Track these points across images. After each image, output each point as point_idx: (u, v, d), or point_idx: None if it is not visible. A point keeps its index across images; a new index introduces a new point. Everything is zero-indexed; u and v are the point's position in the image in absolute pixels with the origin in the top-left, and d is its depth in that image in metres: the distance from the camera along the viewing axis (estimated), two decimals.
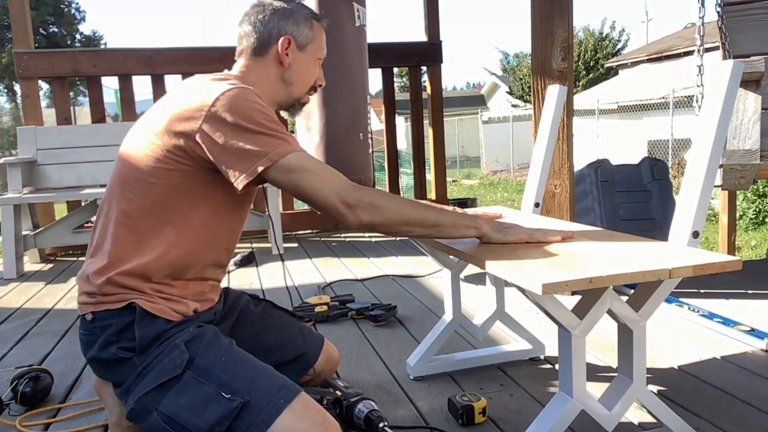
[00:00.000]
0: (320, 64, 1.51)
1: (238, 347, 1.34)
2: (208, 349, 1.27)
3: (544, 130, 1.87)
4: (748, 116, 2.12)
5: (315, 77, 1.49)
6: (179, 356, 1.24)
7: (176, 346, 1.26)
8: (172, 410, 1.20)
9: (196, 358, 1.25)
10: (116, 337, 1.29)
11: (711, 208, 6.67)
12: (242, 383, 1.21)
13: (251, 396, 1.19)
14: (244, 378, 1.23)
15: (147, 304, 1.29)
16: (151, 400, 1.23)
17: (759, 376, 1.73)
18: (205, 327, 1.34)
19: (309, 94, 1.51)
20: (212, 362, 1.25)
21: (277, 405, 1.19)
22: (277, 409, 1.18)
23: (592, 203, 3.41)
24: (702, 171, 1.27)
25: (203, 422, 1.18)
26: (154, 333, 1.28)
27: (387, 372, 1.86)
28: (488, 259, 1.21)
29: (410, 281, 2.96)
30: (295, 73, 1.44)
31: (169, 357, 1.25)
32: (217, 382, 1.21)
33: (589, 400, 1.28)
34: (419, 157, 4.60)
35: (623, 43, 21.67)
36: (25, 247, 3.60)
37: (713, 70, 1.33)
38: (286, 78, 1.44)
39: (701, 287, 2.61)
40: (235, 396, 1.19)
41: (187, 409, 1.20)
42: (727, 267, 1.14)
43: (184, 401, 1.21)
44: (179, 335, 1.29)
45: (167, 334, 1.29)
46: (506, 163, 17.37)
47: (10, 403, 1.67)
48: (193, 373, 1.23)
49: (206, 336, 1.30)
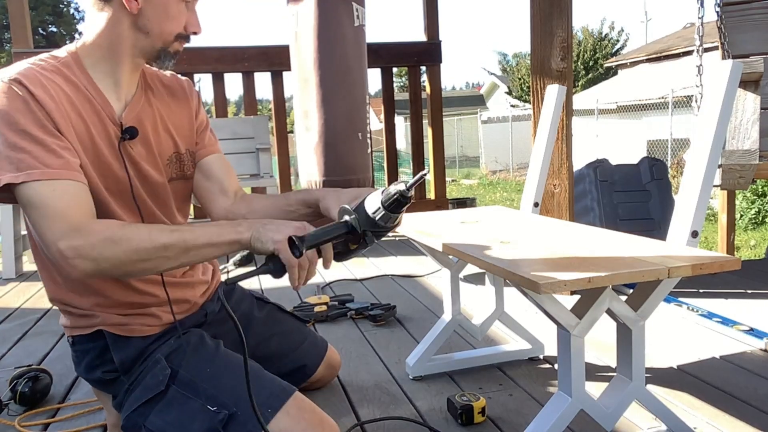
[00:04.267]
0: (191, 6, 1.26)
1: (226, 349, 1.30)
2: (191, 359, 1.25)
3: (544, 130, 1.87)
4: (747, 116, 2.12)
5: (180, 22, 1.24)
6: (161, 372, 1.23)
7: (157, 361, 1.25)
8: (159, 426, 1.19)
9: (179, 371, 1.23)
10: (98, 361, 1.30)
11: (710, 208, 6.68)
12: (228, 395, 1.19)
13: (237, 407, 1.17)
14: (230, 388, 1.20)
15: (114, 327, 1.27)
16: (139, 416, 1.22)
17: (758, 376, 1.73)
18: (189, 333, 1.30)
19: (180, 42, 1.27)
20: (196, 374, 1.22)
21: (264, 415, 1.16)
22: (265, 419, 1.16)
23: (591, 203, 3.41)
24: (701, 171, 1.27)
25: None
26: (133, 354, 1.27)
27: (386, 372, 1.86)
28: (488, 259, 1.21)
29: (409, 281, 2.96)
30: (150, 19, 1.21)
31: (151, 373, 1.24)
32: (203, 395, 1.19)
33: (588, 399, 1.28)
34: (418, 156, 4.60)
35: (622, 43, 21.69)
36: (24, 246, 3.59)
37: (712, 70, 1.33)
38: (141, 26, 1.21)
39: (700, 287, 2.61)
40: (221, 408, 1.17)
41: (173, 424, 1.19)
42: (726, 266, 1.14)
43: (171, 417, 1.19)
44: (159, 350, 1.27)
45: (148, 350, 1.28)
46: (505, 163, 17.37)
47: (9, 403, 1.67)
48: (178, 388, 1.21)
49: (189, 345, 1.28)
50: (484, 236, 1.46)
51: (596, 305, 1.23)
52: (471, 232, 1.53)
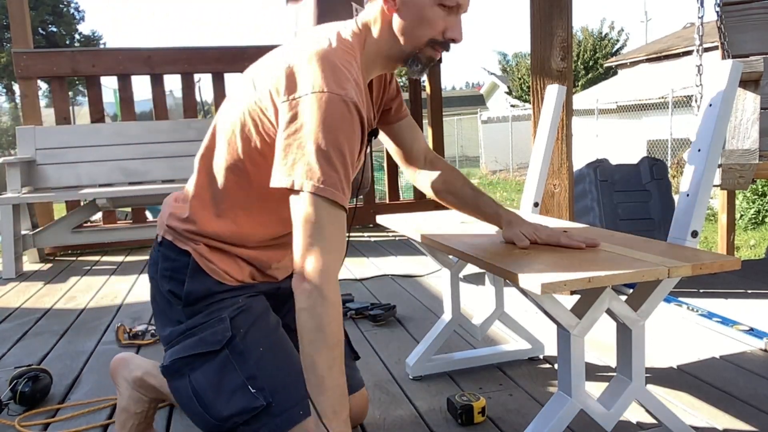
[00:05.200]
0: (453, 11, 1.21)
1: (283, 331, 1.31)
2: (251, 330, 1.26)
3: (544, 130, 1.87)
4: (747, 116, 2.12)
5: (435, 27, 1.20)
6: (222, 332, 1.24)
7: (222, 320, 1.26)
8: (201, 385, 1.22)
9: (236, 337, 1.24)
10: (170, 274, 1.30)
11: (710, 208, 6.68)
12: (270, 381, 1.21)
13: (274, 398, 1.19)
14: (274, 376, 1.22)
15: (202, 259, 1.29)
16: (185, 366, 1.25)
17: (758, 376, 1.73)
18: (256, 298, 1.32)
19: (434, 49, 1.23)
20: (250, 348, 1.24)
21: (294, 415, 1.18)
22: (293, 420, 1.17)
23: (591, 203, 3.41)
24: (701, 170, 1.27)
25: (224, 410, 1.20)
26: (202, 291, 1.28)
27: (386, 372, 1.86)
28: (488, 259, 1.21)
29: (409, 281, 2.96)
30: (403, 22, 1.20)
31: (212, 330, 1.25)
32: (247, 372, 1.21)
33: (588, 399, 1.28)
34: None
35: (622, 42, 21.68)
36: (24, 246, 3.59)
37: (712, 70, 1.33)
38: (396, 28, 1.22)
39: (700, 287, 2.61)
40: (260, 394, 1.19)
41: (212, 389, 1.22)
42: (726, 266, 1.14)
43: (213, 380, 1.22)
44: (227, 304, 1.28)
45: (215, 297, 1.29)
46: (505, 163, 17.37)
47: (9, 403, 1.67)
48: (230, 354, 1.23)
49: (253, 312, 1.29)
50: (484, 236, 1.46)
51: (596, 305, 1.23)
52: (471, 232, 1.53)
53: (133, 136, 3.88)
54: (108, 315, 2.59)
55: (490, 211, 1.45)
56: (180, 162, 3.86)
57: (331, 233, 1.09)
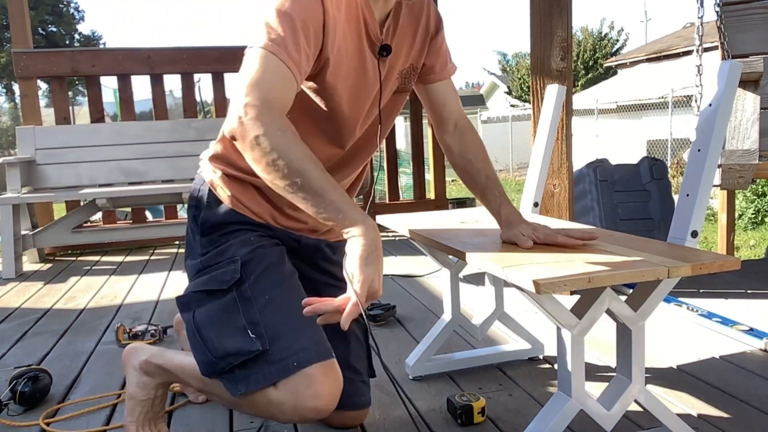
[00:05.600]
0: None
1: (296, 282, 1.33)
2: (261, 277, 1.28)
3: (543, 130, 1.87)
4: (746, 116, 2.12)
5: None
6: (231, 273, 1.27)
7: (234, 261, 1.29)
8: (203, 321, 1.27)
9: (246, 282, 1.27)
10: (195, 203, 1.38)
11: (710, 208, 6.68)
12: (270, 329, 1.22)
13: (271, 346, 1.20)
14: (275, 326, 1.23)
15: (219, 188, 1.35)
16: (195, 300, 1.30)
17: (758, 376, 1.73)
18: (273, 246, 1.34)
19: None
20: (257, 294, 1.26)
21: (288, 365, 1.18)
22: (287, 370, 1.17)
23: (591, 203, 3.42)
24: (701, 170, 1.27)
25: (221, 347, 1.22)
26: (217, 219, 1.34)
27: (386, 372, 1.86)
28: (487, 259, 1.20)
29: (409, 281, 2.96)
30: None
31: (223, 270, 1.29)
32: (249, 317, 1.23)
33: (587, 399, 1.28)
34: (418, 156, 4.60)
35: (622, 42, 21.70)
36: (23, 246, 3.59)
37: (712, 70, 1.33)
38: None
39: (700, 287, 2.61)
40: (258, 339, 1.20)
41: (213, 326, 1.25)
42: (725, 266, 1.14)
43: (215, 319, 1.26)
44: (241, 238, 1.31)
45: (229, 227, 1.33)
46: (505, 163, 17.37)
47: (9, 403, 1.67)
48: (237, 297, 1.26)
49: (266, 260, 1.31)
50: (484, 236, 1.46)
51: (596, 305, 1.23)
52: (471, 233, 1.53)
53: (133, 136, 3.88)
54: (108, 315, 2.59)
55: (494, 208, 1.46)
56: (180, 162, 3.85)
57: (270, 80, 1.11)
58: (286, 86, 1.14)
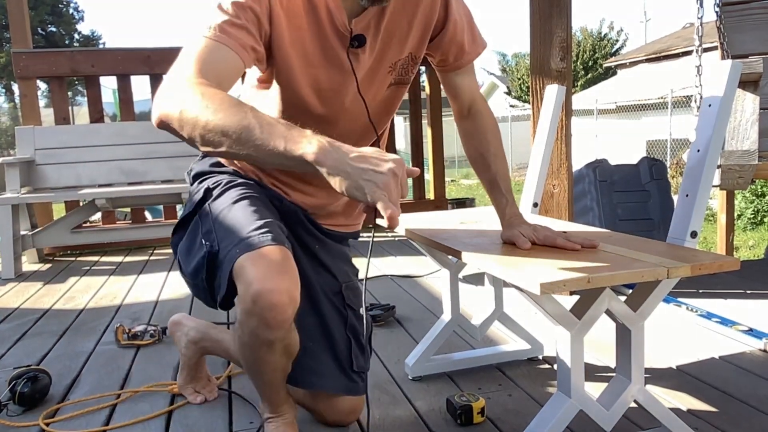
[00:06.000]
0: None
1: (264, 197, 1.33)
2: (222, 194, 1.31)
3: (543, 130, 1.87)
4: (746, 117, 2.12)
5: None
6: (196, 196, 1.34)
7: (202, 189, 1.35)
8: (180, 251, 1.33)
9: (206, 202, 1.31)
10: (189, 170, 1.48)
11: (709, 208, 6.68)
12: (222, 232, 1.22)
13: (220, 245, 1.20)
14: (226, 228, 1.22)
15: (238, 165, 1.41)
16: (175, 234, 1.38)
17: (757, 376, 1.73)
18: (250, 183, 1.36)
19: None
20: (216, 209, 1.28)
21: (232, 254, 1.14)
22: (232, 259, 1.14)
23: (591, 203, 3.42)
24: (700, 171, 1.27)
25: (188, 268, 1.27)
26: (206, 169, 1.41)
27: (385, 372, 1.86)
28: (487, 260, 1.20)
29: (409, 281, 2.96)
30: None
31: (194, 196, 1.36)
32: (206, 227, 1.26)
33: (587, 399, 1.28)
34: (418, 156, 4.60)
35: (622, 43, 21.71)
36: (23, 247, 3.59)
37: (712, 70, 1.33)
38: None
39: (699, 287, 2.61)
40: (208, 244, 1.22)
41: (184, 251, 1.30)
42: (725, 267, 1.14)
43: (185, 245, 1.31)
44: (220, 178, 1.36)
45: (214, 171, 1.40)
46: None
47: (8, 404, 1.66)
48: (198, 218, 1.30)
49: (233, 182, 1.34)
50: (484, 236, 1.46)
51: (595, 305, 1.23)
52: (470, 233, 1.53)
53: (133, 136, 3.88)
54: (107, 315, 2.59)
55: (496, 205, 1.46)
56: (179, 162, 3.85)
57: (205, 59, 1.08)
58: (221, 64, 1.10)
